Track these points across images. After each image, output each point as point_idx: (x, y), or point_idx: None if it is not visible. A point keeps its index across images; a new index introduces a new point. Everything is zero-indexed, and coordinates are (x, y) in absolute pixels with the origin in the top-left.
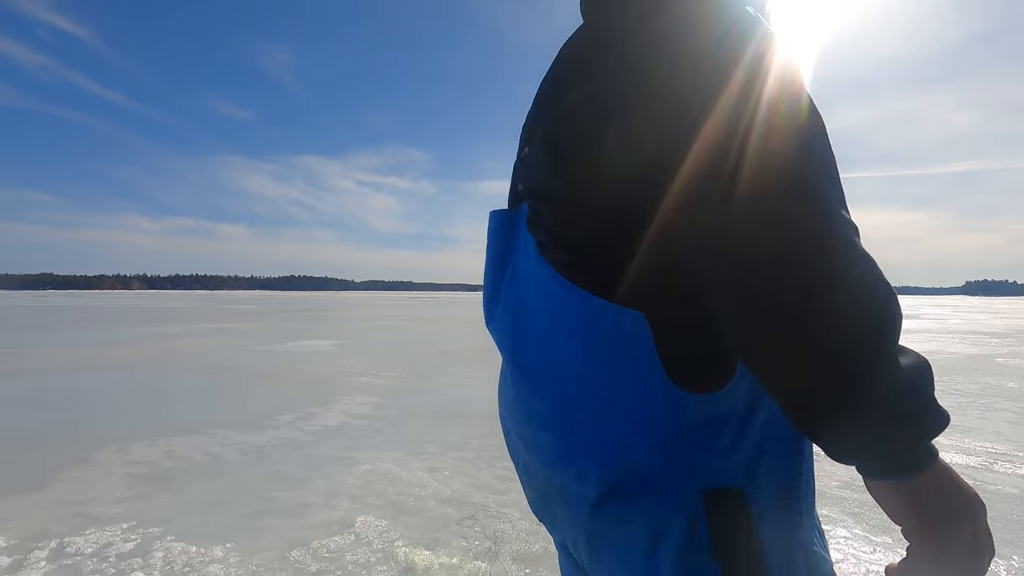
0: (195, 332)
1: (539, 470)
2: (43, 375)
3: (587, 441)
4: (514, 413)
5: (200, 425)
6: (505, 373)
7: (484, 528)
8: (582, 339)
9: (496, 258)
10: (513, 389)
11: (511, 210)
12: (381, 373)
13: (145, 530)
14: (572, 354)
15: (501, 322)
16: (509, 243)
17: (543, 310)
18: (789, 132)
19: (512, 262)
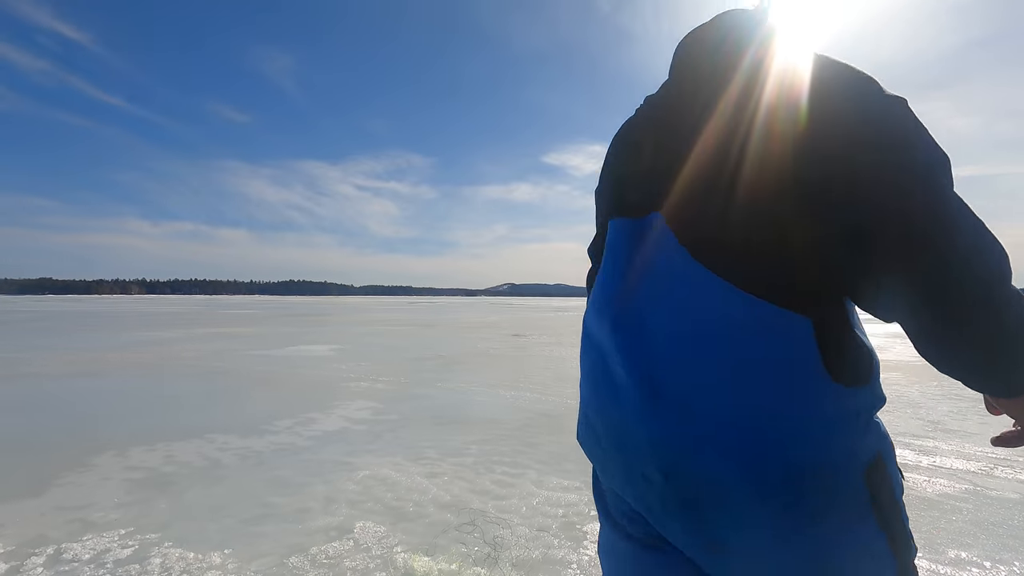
0: (194, 337)
1: (692, 471)
2: (41, 380)
3: (758, 436)
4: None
5: (199, 430)
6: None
7: (483, 534)
8: (743, 338)
9: (624, 266)
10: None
11: (640, 220)
12: (380, 378)
13: (143, 536)
14: (731, 352)
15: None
16: (641, 250)
17: (694, 312)
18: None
19: (647, 270)
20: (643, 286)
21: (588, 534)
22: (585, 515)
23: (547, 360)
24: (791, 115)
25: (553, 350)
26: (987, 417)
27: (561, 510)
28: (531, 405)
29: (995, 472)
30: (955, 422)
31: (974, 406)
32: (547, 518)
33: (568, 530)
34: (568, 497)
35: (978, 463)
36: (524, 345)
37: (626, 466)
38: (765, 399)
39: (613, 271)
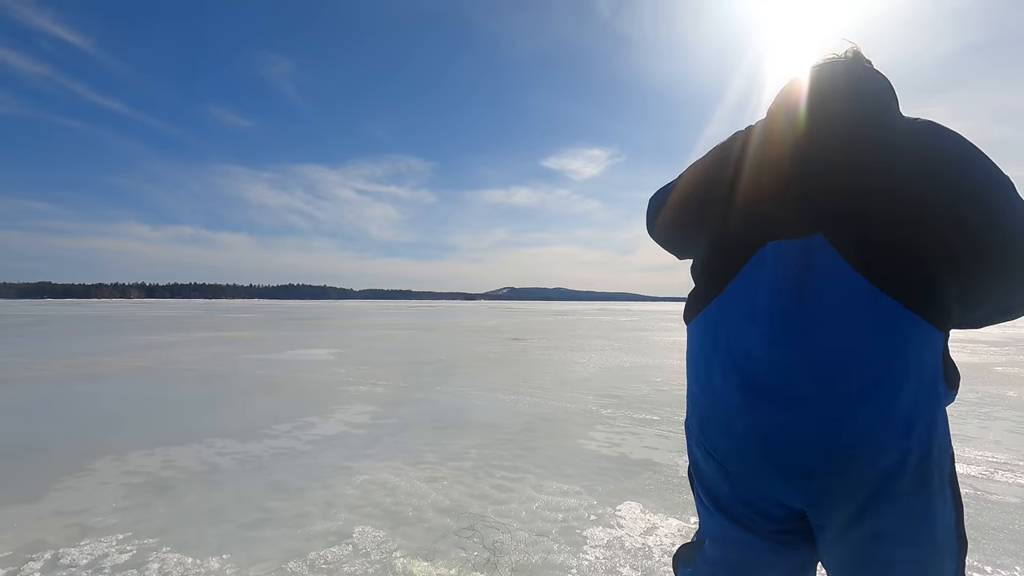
0: (193, 341)
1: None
2: (39, 384)
3: (907, 428)
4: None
5: (198, 434)
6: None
7: (483, 539)
8: (902, 348)
9: (789, 284)
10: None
11: (802, 240)
12: (380, 382)
13: (141, 541)
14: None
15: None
16: (807, 268)
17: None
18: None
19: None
20: (811, 301)
21: (588, 539)
22: (585, 520)
23: (546, 364)
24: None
25: (552, 354)
26: (987, 421)
27: (561, 515)
28: (530, 409)
29: (995, 476)
30: (955, 426)
31: (974, 410)
32: (547, 523)
33: (568, 535)
34: (568, 502)
35: (978, 467)
36: (523, 349)
37: (783, 465)
38: (917, 400)
39: (775, 289)
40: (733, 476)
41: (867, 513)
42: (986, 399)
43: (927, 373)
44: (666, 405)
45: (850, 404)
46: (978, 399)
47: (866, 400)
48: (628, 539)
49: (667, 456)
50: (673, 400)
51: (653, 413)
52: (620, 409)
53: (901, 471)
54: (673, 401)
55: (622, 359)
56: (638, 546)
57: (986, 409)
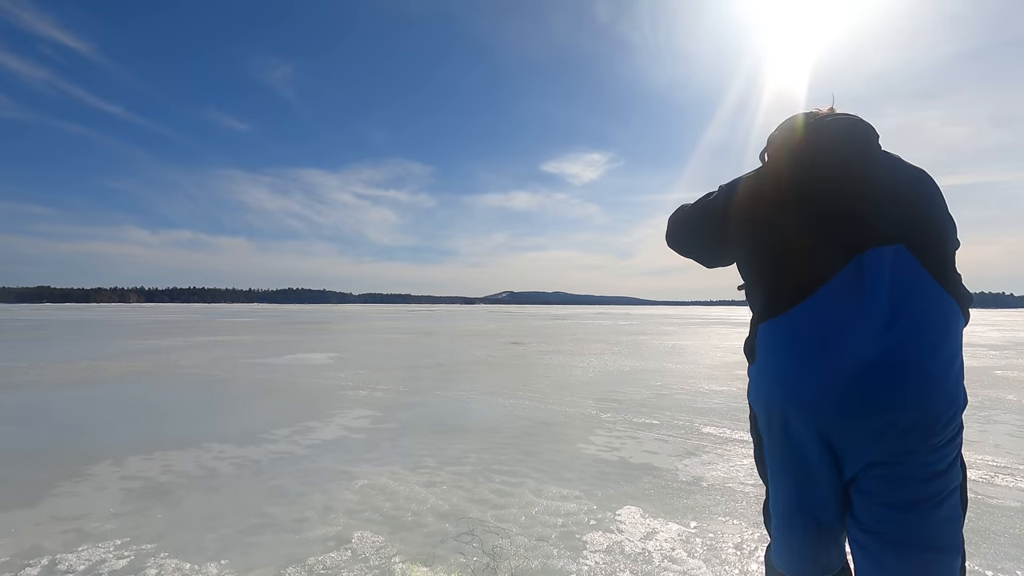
0: (192, 345)
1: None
2: (38, 388)
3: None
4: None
5: (196, 439)
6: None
7: (482, 544)
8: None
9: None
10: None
11: (893, 247)
12: (379, 386)
13: (139, 546)
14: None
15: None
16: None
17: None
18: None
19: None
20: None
21: (587, 544)
22: (584, 524)
23: (546, 368)
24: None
25: (552, 358)
26: (987, 425)
27: (560, 519)
28: (530, 413)
29: (996, 480)
30: None
31: (975, 414)
32: (546, 527)
33: (567, 539)
34: (567, 506)
35: (979, 471)
36: (523, 353)
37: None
38: (957, 370)
39: (876, 286)
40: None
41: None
42: (986, 403)
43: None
44: (665, 409)
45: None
46: (978, 403)
47: (930, 370)
48: (628, 544)
49: (667, 460)
50: (673, 404)
51: (653, 417)
52: (619, 413)
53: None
54: (673, 405)
55: (621, 363)
56: (638, 551)
57: (986, 413)
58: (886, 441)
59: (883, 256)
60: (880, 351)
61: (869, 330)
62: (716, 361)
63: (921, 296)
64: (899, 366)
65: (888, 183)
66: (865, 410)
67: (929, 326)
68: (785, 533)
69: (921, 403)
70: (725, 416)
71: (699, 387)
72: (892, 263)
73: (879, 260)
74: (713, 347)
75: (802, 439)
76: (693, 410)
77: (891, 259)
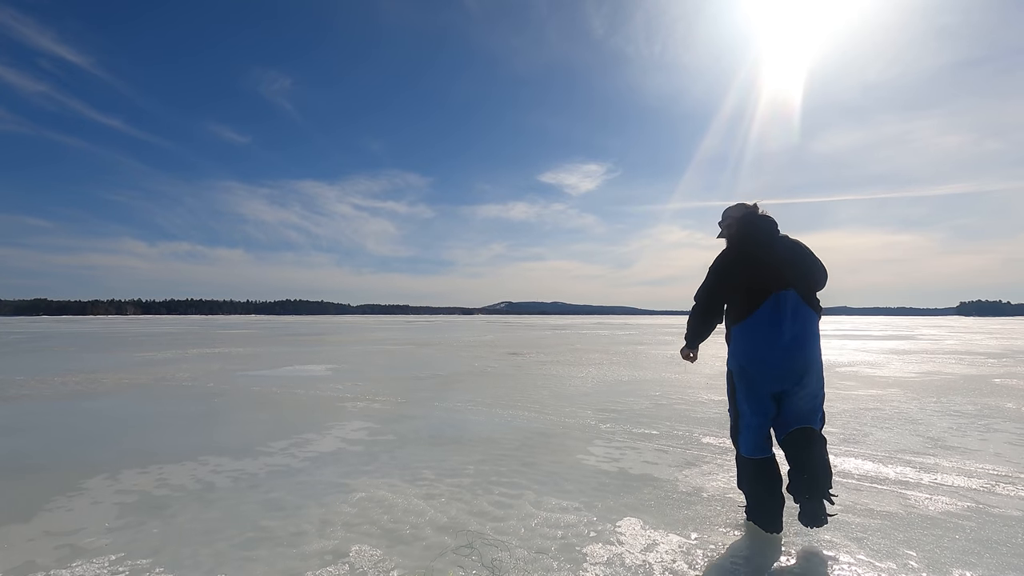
0: (189, 357)
1: (811, 373)
2: (34, 401)
3: (818, 356)
4: (797, 360)
5: (192, 452)
6: (791, 345)
7: (481, 557)
8: (816, 333)
9: (788, 311)
10: (800, 352)
11: (791, 290)
12: (377, 398)
13: (134, 561)
14: (814, 339)
15: (792, 331)
16: (791, 303)
17: (808, 322)
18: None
19: (795, 305)
20: (795, 319)
21: (587, 556)
22: (584, 536)
23: (544, 379)
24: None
25: (550, 368)
26: (987, 433)
27: (560, 531)
28: (528, 424)
29: (997, 489)
30: (955, 439)
31: (974, 422)
32: (546, 540)
33: (567, 552)
34: (567, 518)
35: (979, 480)
36: (521, 364)
37: (783, 376)
38: (817, 344)
39: (783, 313)
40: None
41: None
42: (985, 411)
43: (819, 340)
44: (665, 419)
45: (807, 357)
46: (977, 411)
47: (809, 355)
48: (628, 556)
49: (667, 471)
50: (672, 414)
51: (652, 427)
52: (619, 424)
53: (818, 374)
54: (672, 415)
55: (620, 373)
56: (639, 563)
57: (985, 421)
58: (795, 378)
59: (788, 295)
60: (790, 339)
61: (784, 330)
62: (715, 371)
63: (804, 314)
64: (798, 346)
65: (787, 256)
66: (787, 366)
67: (807, 327)
68: (753, 431)
69: (807, 362)
70: (724, 426)
71: (698, 397)
72: (792, 298)
73: (785, 296)
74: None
75: (759, 382)
76: (692, 420)
77: (792, 296)
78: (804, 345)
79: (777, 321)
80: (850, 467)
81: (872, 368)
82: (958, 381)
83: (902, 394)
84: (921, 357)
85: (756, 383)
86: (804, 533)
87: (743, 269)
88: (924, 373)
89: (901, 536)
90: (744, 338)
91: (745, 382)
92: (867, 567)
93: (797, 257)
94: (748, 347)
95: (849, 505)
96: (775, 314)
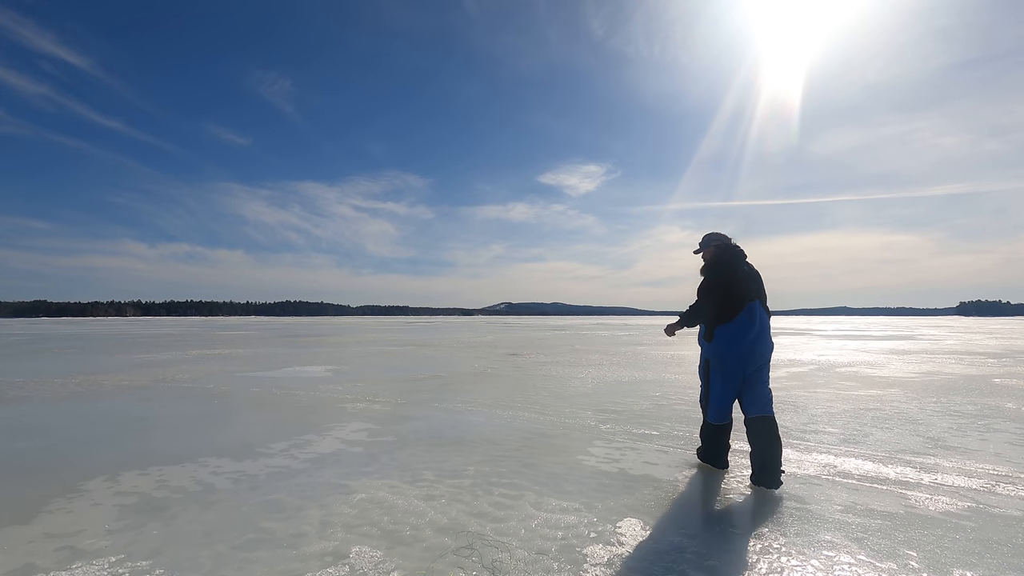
0: (189, 358)
1: (769, 359)
2: (33, 403)
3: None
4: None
5: (192, 454)
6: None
7: (482, 557)
8: (770, 331)
9: (760, 314)
10: (762, 344)
11: (757, 301)
12: (377, 399)
13: (133, 563)
14: (769, 334)
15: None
16: (759, 310)
17: (766, 323)
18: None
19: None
20: (762, 324)
21: (588, 557)
22: (585, 537)
23: (544, 379)
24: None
25: (550, 369)
26: (987, 433)
27: (560, 532)
28: (529, 425)
29: (997, 489)
30: (955, 439)
31: (974, 422)
32: (546, 540)
33: (568, 552)
34: (567, 519)
35: (980, 480)
36: (521, 364)
37: (752, 362)
38: (770, 338)
39: (755, 318)
40: (743, 378)
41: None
42: (985, 411)
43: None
44: (665, 420)
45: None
46: (977, 411)
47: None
48: (629, 557)
49: (667, 471)
50: (672, 415)
51: (652, 428)
52: (619, 424)
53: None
54: (672, 416)
55: (620, 374)
56: (639, 564)
57: (985, 421)
58: (759, 363)
59: (756, 304)
60: (755, 335)
61: (754, 328)
62: None
63: (764, 317)
64: (761, 340)
65: (753, 275)
66: (754, 356)
67: (765, 326)
68: (719, 405)
69: (765, 350)
70: None
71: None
72: (758, 306)
73: (755, 305)
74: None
75: (733, 367)
76: (693, 421)
77: (757, 305)
78: (765, 339)
79: (749, 323)
80: (850, 467)
81: (872, 368)
82: (958, 381)
83: (902, 394)
84: (921, 357)
85: (730, 368)
86: (804, 533)
87: (733, 287)
88: (924, 373)
89: (901, 536)
90: (725, 335)
91: (722, 367)
92: (867, 567)
93: (757, 277)
94: (728, 341)
95: (849, 505)
96: (748, 318)
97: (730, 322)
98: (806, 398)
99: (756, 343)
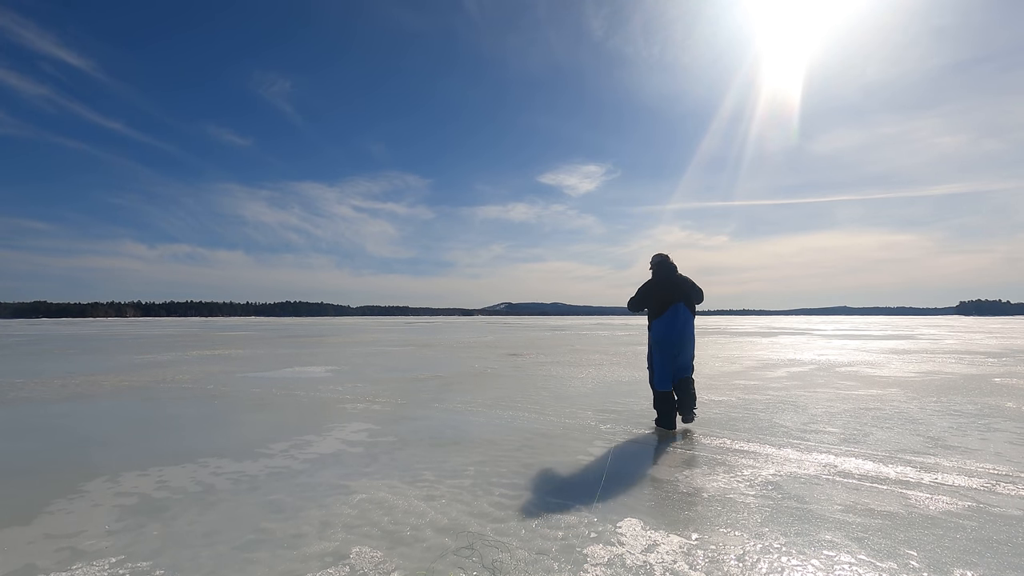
0: (189, 359)
1: (689, 344)
2: (33, 404)
3: (693, 337)
4: (682, 337)
5: (192, 454)
6: (682, 332)
7: (482, 558)
8: (692, 325)
9: (681, 314)
10: (683, 333)
11: (682, 302)
12: (377, 399)
13: (134, 564)
14: (691, 327)
15: (682, 324)
16: (687, 311)
17: (688, 319)
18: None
19: (684, 315)
20: (684, 319)
21: (588, 557)
22: (585, 537)
23: (544, 379)
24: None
25: (550, 369)
26: (987, 433)
27: (561, 532)
28: (529, 425)
29: (998, 489)
30: (955, 438)
31: (974, 421)
32: (547, 540)
33: (568, 553)
34: (568, 519)
35: (980, 480)
36: (521, 364)
37: (679, 356)
38: (693, 330)
39: (679, 315)
40: (672, 355)
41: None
42: (985, 410)
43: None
44: None
45: (689, 346)
46: (977, 410)
47: (689, 346)
48: (629, 557)
49: (667, 471)
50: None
51: (652, 428)
52: (619, 424)
53: (689, 344)
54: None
55: (620, 374)
56: (639, 564)
57: (985, 421)
58: (681, 345)
59: (679, 305)
60: (680, 329)
61: (679, 324)
62: (714, 371)
63: (686, 314)
64: (685, 333)
65: (680, 283)
66: (679, 340)
67: (688, 321)
68: (661, 376)
69: (686, 338)
70: (725, 427)
71: (697, 397)
72: (681, 306)
73: (679, 306)
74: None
75: (666, 348)
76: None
77: (681, 306)
78: (686, 330)
79: (674, 318)
80: (850, 467)
81: (872, 368)
82: (958, 380)
83: (902, 394)
84: (921, 357)
85: (664, 349)
86: (804, 533)
87: (659, 291)
88: (924, 373)
89: (902, 536)
90: (659, 327)
91: (660, 349)
92: (867, 567)
93: (685, 285)
94: (661, 331)
95: (849, 505)
96: (672, 315)
97: (660, 317)
98: (806, 398)
99: (682, 332)
